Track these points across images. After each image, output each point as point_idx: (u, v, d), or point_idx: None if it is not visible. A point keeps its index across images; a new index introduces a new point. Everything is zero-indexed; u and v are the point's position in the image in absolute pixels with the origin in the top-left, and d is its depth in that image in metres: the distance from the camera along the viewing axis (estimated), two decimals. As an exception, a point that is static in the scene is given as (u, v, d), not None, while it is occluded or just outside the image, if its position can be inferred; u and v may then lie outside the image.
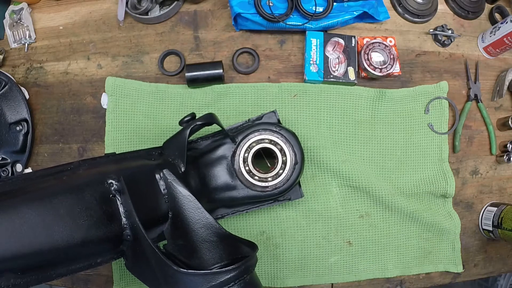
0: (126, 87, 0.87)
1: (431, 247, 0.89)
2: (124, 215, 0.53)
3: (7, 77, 0.87)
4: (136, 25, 0.92)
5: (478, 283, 1.62)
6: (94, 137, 0.89)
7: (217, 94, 0.87)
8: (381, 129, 0.89)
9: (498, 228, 0.86)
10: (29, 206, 0.44)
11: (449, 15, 0.98)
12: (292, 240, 0.85)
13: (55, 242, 0.45)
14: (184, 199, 0.58)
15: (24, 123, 0.87)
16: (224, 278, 0.50)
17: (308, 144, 0.85)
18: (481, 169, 0.94)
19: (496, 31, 0.91)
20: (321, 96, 0.88)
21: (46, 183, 0.50)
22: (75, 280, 0.86)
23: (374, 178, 0.86)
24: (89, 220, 0.49)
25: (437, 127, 0.91)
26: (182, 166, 0.66)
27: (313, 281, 0.85)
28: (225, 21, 0.92)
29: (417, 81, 0.93)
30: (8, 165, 0.87)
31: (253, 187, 0.73)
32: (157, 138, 0.86)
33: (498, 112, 0.96)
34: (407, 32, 0.95)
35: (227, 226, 0.84)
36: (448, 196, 0.89)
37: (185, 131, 0.67)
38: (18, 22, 0.92)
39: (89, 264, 0.52)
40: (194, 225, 0.57)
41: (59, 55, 0.92)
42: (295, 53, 0.92)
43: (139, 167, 0.61)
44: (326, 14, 0.86)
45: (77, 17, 0.94)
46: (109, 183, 0.52)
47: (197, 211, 0.57)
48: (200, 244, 0.56)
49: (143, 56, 0.91)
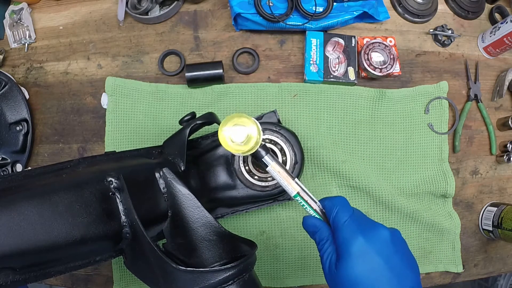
0: (126, 87, 0.87)
1: (431, 247, 0.89)
2: (123, 213, 0.53)
3: (7, 77, 0.87)
4: (136, 25, 0.92)
5: (478, 283, 1.61)
6: (94, 137, 0.89)
7: (217, 94, 0.87)
8: (381, 129, 0.89)
9: (498, 228, 0.86)
10: (29, 203, 0.44)
11: (449, 15, 0.98)
12: (292, 240, 0.85)
13: (54, 239, 0.45)
14: (184, 197, 0.57)
15: (24, 123, 0.87)
16: (223, 276, 0.50)
17: (308, 144, 0.85)
18: (481, 169, 0.93)
19: (496, 31, 0.91)
20: (321, 96, 0.88)
21: (46, 180, 0.49)
22: (75, 280, 0.86)
23: (374, 178, 0.86)
24: (88, 218, 0.49)
25: (437, 127, 0.91)
26: (182, 165, 0.66)
27: (313, 281, 0.85)
28: (225, 21, 0.92)
29: (417, 81, 0.93)
30: (8, 165, 0.87)
31: (253, 186, 0.73)
32: (157, 138, 0.86)
33: (498, 112, 0.96)
34: (407, 32, 0.95)
35: (227, 226, 0.84)
36: (448, 196, 0.89)
37: (185, 130, 0.67)
38: (18, 22, 0.92)
39: (88, 261, 0.52)
40: (193, 224, 0.56)
41: (59, 55, 0.92)
42: (295, 53, 0.92)
43: (139, 165, 0.61)
44: (326, 14, 0.86)
45: (77, 17, 0.94)
46: (109, 181, 0.52)
47: (197, 209, 0.57)
48: (199, 242, 0.56)
49: (143, 56, 0.91)
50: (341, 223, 0.49)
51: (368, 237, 0.47)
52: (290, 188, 0.54)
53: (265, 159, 0.55)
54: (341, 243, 0.48)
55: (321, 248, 0.51)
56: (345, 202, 0.51)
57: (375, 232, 0.48)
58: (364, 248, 0.46)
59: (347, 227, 0.48)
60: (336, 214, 0.50)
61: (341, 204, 0.51)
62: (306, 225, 0.53)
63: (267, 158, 0.55)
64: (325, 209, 0.52)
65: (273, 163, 0.55)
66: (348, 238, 0.47)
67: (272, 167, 0.55)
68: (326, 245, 0.50)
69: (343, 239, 0.48)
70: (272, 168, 0.55)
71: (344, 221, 0.49)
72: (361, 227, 0.48)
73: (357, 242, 0.47)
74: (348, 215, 0.49)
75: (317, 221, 0.52)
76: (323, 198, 0.54)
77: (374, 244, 0.47)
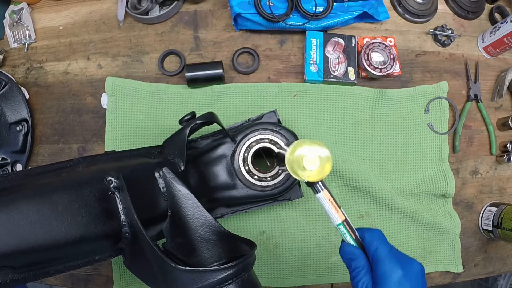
0: (126, 87, 0.87)
1: (431, 247, 0.89)
2: (122, 213, 0.53)
3: (7, 77, 0.87)
4: (136, 25, 0.92)
5: (478, 283, 1.61)
6: (94, 137, 0.89)
7: (217, 94, 0.87)
8: (381, 129, 0.89)
9: (498, 228, 0.86)
10: (28, 202, 0.44)
11: (449, 15, 0.98)
12: (292, 240, 0.85)
13: (53, 238, 0.45)
14: (183, 197, 0.57)
15: (24, 123, 0.87)
16: (222, 275, 0.50)
17: (308, 143, 0.85)
18: (481, 169, 0.93)
19: (496, 31, 0.91)
20: (321, 96, 0.88)
21: (46, 179, 0.50)
22: (75, 280, 0.86)
23: (374, 178, 0.86)
24: (87, 217, 0.49)
25: (437, 127, 0.91)
26: (181, 165, 0.66)
27: (313, 281, 0.85)
28: (225, 21, 0.92)
29: (417, 81, 0.93)
30: (8, 165, 0.87)
31: (253, 186, 0.73)
32: (157, 138, 0.86)
33: (498, 112, 0.96)
34: (407, 32, 0.95)
35: (227, 226, 0.84)
36: (448, 196, 0.89)
37: (185, 129, 0.67)
38: (18, 22, 0.92)
39: (87, 261, 0.52)
40: (193, 224, 0.56)
41: (59, 55, 0.92)
42: (295, 53, 0.92)
43: (139, 165, 0.61)
44: (326, 14, 0.86)
45: (77, 17, 0.94)
46: (108, 180, 0.52)
47: (196, 209, 0.57)
48: (199, 242, 0.56)
49: (143, 56, 0.91)
50: (383, 256, 0.52)
51: (405, 270, 0.51)
52: (337, 216, 0.54)
53: (319, 184, 0.54)
54: (382, 274, 0.51)
55: (356, 275, 0.54)
56: (383, 236, 0.55)
57: (411, 266, 0.52)
58: (401, 280, 0.50)
59: (389, 260, 0.52)
60: (377, 247, 0.53)
61: (381, 238, 0.54)
62: (344, 252, 0.56)
63: (321, 184, 0.54)
64: (364, 240, 0.55)
65: (326, 190, 0.54)
66: (389, 270, 0.51)
67: (324, 193, 0.54)
68: (362, 273, 0.53)
69: (384, 270, 0.51)
70: (323, 195, 0.54)
71: (385, 254, 0.52)
72: (400, 261, 0.52)
73: (397, 274, 0.50)
74: (388, 249, 0.53)
75: (356, 250, 0.55)
76: (360, 228, 0.56)
77: (410, 277, 0.51)
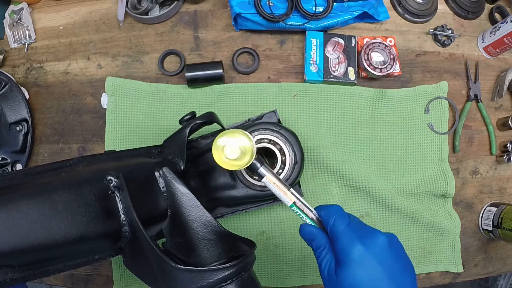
0: (126, 87, 0.87)
1: (431, 247, 0.89)
2: (122, 212, 0.53)
3: (7, 77, 0.87)
4: (136, 25, 0.92)
5: (478, 283, 1.61)
6: (94, 137, 0.89)
7: (217, 94, 0.87)
8: (381, 129, 0.89)
9: (498, 228, 0.86)
10: (28, 201, 0.44)
11: (449, 15, 0.98)
12: (292, 240, 0.85)
13: (53, 237, 0.45)
14: (183, 197, 0.57)
15: (24, 123, 0.87)
16: (221, 275, 0.50)
17: (308, 144, 0.85)
18: (481, 169, 0.93)
19: (496, 31, 0.91)
20: (321, 96, 0.88)
21: (45, 178, 0.50)
22: (75, 280, 0.86)
23: (374, 178, 0.86)
24: (87, 216, 0.49)
25: (437, 127, 0.91)
26: (181, 165, 0.66)
27: (313, 281, 0.85)
28: (225, 21, 0.92)
29: (417, 81, 0.93)
30: (8, 165, 0.87)
31: (253, 186, 0.73)
32: (157, 138, 0.86)
33: (498, 112, 0.96)
34: (407, 32, 0.95)
35: (227, 226, 0.84)
36: (448, 196, 0.89)
37: (185, 129, 0.67)
38: (18, 22, 0.92)
39: (87, 260, 0.52)
40: (192, 223, 0.56)
41: (59, 55, 0.92)
42: (295, 53, 0.92)
43: (139, 164, 0.61)
44: (326, 14, 0.86)
45: (77, 17, 0.94)
46: (108, 180, 0.52)
47: (196, 209, 0.57)
48: (198, 242, 0.56)
49: (143, 56, 0.91)
50: (339, 231, 0.50)
51: (366, 244, 0.48)
52: (286, 199, 0.55)
53: (260, 170, 0.56)
54: (340, 250, 0.49)
55: (318, 255, 0.52)
56: (341, 210, 0.52)
57: (373, 239, 0.49)
58: (363, 255, 0.47)
59: (345, 235, 0.49)
60: (333, 223, 0.51)
61: (338, 212, 0.52)
62: (303, 233, 0.55)
63: (262, 170, 0.56)
64: (322, 218, 0.53)
65: (269, 174, 0.56)
66: (347, 246, 0.48)
67: (267, 178, 0.56)
68: (324, 252, 0.52)
69: (342, 247, 0.49)
70: (267, 180, 0.56)
71: (342, 229, 0.50)
72: (359, 235, 0.49)
73: (356, 249, 0.48)
74: (346, 223, 0.50)
75: (314, 229, 0.54)
76: (318, 206, 0.55)
77: (372, 251, 0.48)
